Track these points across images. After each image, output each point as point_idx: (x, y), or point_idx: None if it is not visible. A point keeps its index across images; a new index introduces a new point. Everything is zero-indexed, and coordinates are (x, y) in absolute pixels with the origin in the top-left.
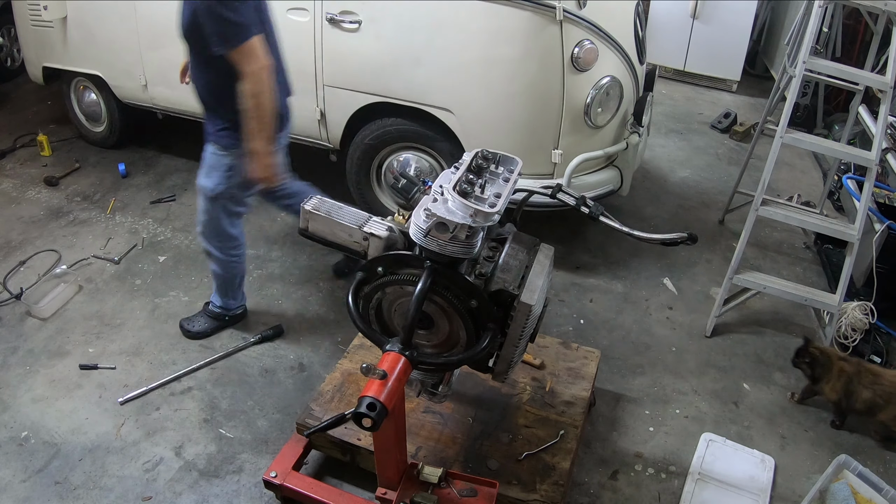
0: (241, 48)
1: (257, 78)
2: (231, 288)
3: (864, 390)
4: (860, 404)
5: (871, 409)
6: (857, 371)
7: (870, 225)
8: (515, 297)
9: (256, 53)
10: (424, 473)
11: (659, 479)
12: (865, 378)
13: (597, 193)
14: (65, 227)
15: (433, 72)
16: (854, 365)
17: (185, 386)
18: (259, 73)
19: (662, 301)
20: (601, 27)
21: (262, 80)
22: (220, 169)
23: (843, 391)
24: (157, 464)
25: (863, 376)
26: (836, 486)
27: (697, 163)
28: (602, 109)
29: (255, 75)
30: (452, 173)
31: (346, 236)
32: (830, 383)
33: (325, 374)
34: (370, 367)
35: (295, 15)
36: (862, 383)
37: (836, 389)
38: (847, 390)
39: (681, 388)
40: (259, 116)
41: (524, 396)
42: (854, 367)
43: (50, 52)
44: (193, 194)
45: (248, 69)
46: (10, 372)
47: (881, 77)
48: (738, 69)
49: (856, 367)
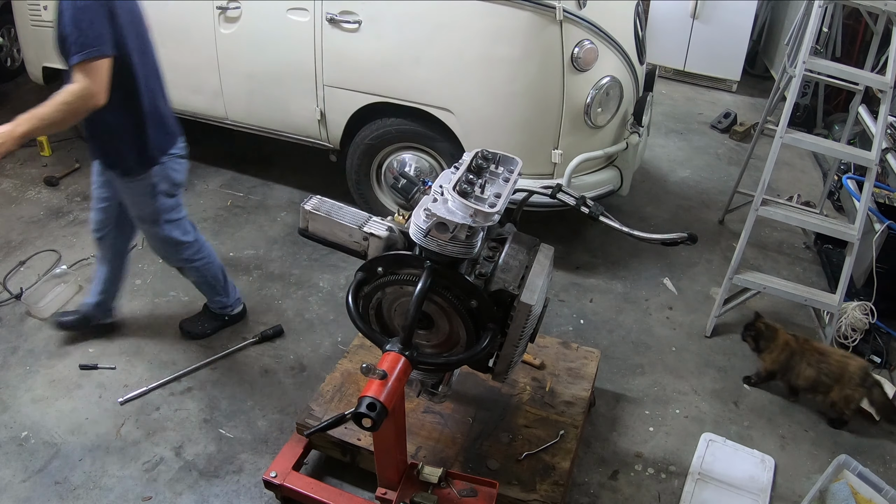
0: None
1: (82, 96)
2: (217, 286)
3: (807, 368)
4: (802, 381)
5: (814, 387)
6: (802, 348)
7: (870, 225)
8: (515, 297)
9: (99, 76)
10: (424, 473)
11: (659, 479)
12: (811, 356)
13: (597, 193)
14: (65, 227)
15: (433, 72)
16: (801, 342)
17: (185, 386)
18: (87, 95)
19: (662, 301)
20: (601, 27)
21: (84, 102)
22: (143, 194)
23: (782, 364)
24: (157, 464)
25: (808, 354)
26: (836, 486)
27: (697, 163)
28: (602, 109)
29: (82, 93)
30: (452, 173)
31: (346, 236)
32: (773, 355)
33: (325, 374)
34: (370, 367)
35: (295, 15)
36: (806, 361)
37: (775, 361)
38: (788, 364)
39: (681, 388)
40: (51, 119)
41: (524, 396)
42: (800, 344)
43: (50, 52)
44: (193, 194)
45: (82, 84)
46: (10, 372)
47: (881, 77)
48: (738, 69)
49: (801, 345)
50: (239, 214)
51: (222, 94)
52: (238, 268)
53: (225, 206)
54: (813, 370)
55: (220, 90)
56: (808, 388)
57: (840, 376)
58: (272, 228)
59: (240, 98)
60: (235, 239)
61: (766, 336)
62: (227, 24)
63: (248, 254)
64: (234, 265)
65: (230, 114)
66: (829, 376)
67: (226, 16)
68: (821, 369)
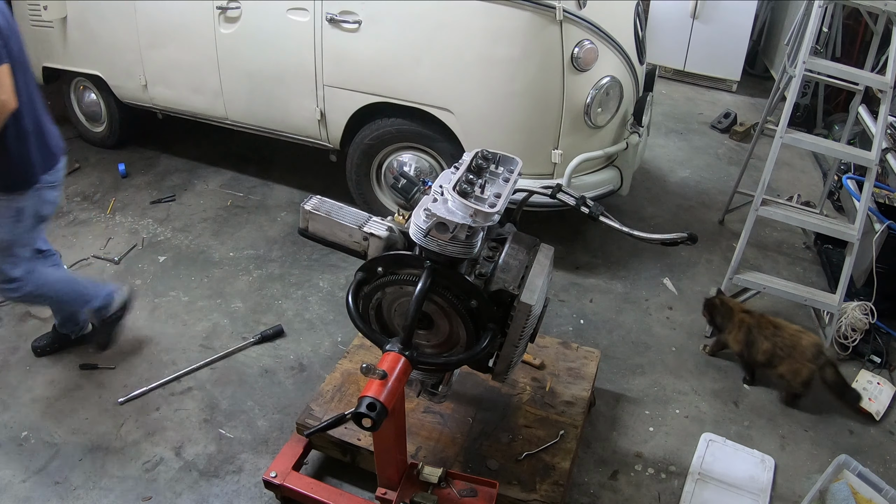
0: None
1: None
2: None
3: (764, 341)
4: (761, 355)
5: (771, 361)
6: (757, 322)
7: (870, 225)
8: (515, 297)
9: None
10: (424, 473)
11: (659, 479)
12: (766, 329)
13: (597, 193)
14: (65, 227)
15: (433, 72)
16: (756, 317)
17: (185, 386)
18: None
19: (662, 301)
20: (601, 27)
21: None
22: (6, 217)
23: (744, 341)
24: (157, 464)
25: (763, 327)
26: (836, 486)
27: (697, 163)
28: (602, 109)
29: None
30: (452, 173)
31: (346, 236)
32: (733, 334)
33: (325, 374)
34: (370, 367)
35: (295, 15)
36: (763, 334)
37: (738, 340)
38: (748, 340)
39: (681, 388)
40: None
41: (524, 396)
42: (755, 318)
43: (50, 52)
44: (194, 194)
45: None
46: (10, 372)
47: (881, 77)
48: (738, 69)
49: (757, 319)
50: (239, 214)
51: (222, 93)
52: (238, 268)
53: (225, 206)
54: (769, 343)
55: (220, 90)
56: (767, 363)
57: (792, 350)
58: (272, 228)
59: (240, 98)
60: (235, 239)
61: (722, 312)
62: (227, 23)
63: (248, 254)
64: (234, 265)
65: (230, 114)
66: (783, 350)
67: (226, 16)
68: (776, 342)
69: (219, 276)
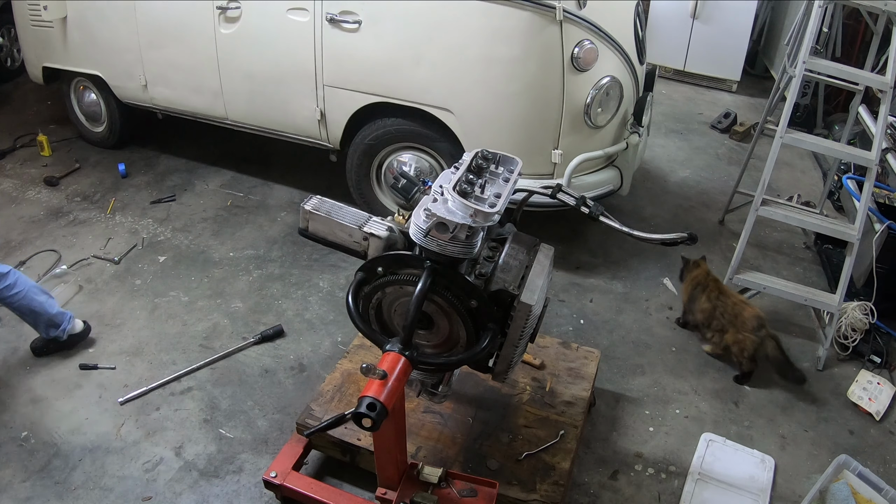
0: None
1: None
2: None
3: (705, 301)
4: (700, 314)
5: (708, 322)
6: (705, 282)
7: (870, 225)
8: (515, 297)
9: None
10: (424, 473)
11: (659, 479)
12: (712, 292)
13: (597, 193)
14: (65, 227)
15: (433, 72)
16: (709, 279)
17: (185, 386)
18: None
19: (662, 301)
20: (601, 27)
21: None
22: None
23: (689, 295)
24: (157, 464)
25: (710, 290)
26: (836, 486)
27: (697, 163)
28: (602, 109)
29: None
30: (452, 173)
31: (346, 236)
32: (684, 286)
33: (325, 374)
34: (370, 367)
35: (295, 15)
36: (706, 294)
37: (685, 292)
38: (692, 296)
39: (681, 388)
40: None
41: (524, 396)
42: (708, 280)
43: (50, 53)
44: (194, 194)
45: None
46: (10, 372)
47: (881, 77)
48: (738, 69)
49: (708, 281)
50: (239, 214)
51: (222, 93)
52: (238, 268)
53: (225, 206)
54: (709, 304)
55: (220, 90)
56: (704, 323)
57: (734, 319)
58: (272, 228)
59: (240, 98)
60: (235, 239)
61: (689, 268)
62: (227, 24)
63: (248, 254)
64: (235, 265)
65: (230, 114)
66: (723, 316)
67: (226, 16)
68: (716, 306)
69: (219, 276)
